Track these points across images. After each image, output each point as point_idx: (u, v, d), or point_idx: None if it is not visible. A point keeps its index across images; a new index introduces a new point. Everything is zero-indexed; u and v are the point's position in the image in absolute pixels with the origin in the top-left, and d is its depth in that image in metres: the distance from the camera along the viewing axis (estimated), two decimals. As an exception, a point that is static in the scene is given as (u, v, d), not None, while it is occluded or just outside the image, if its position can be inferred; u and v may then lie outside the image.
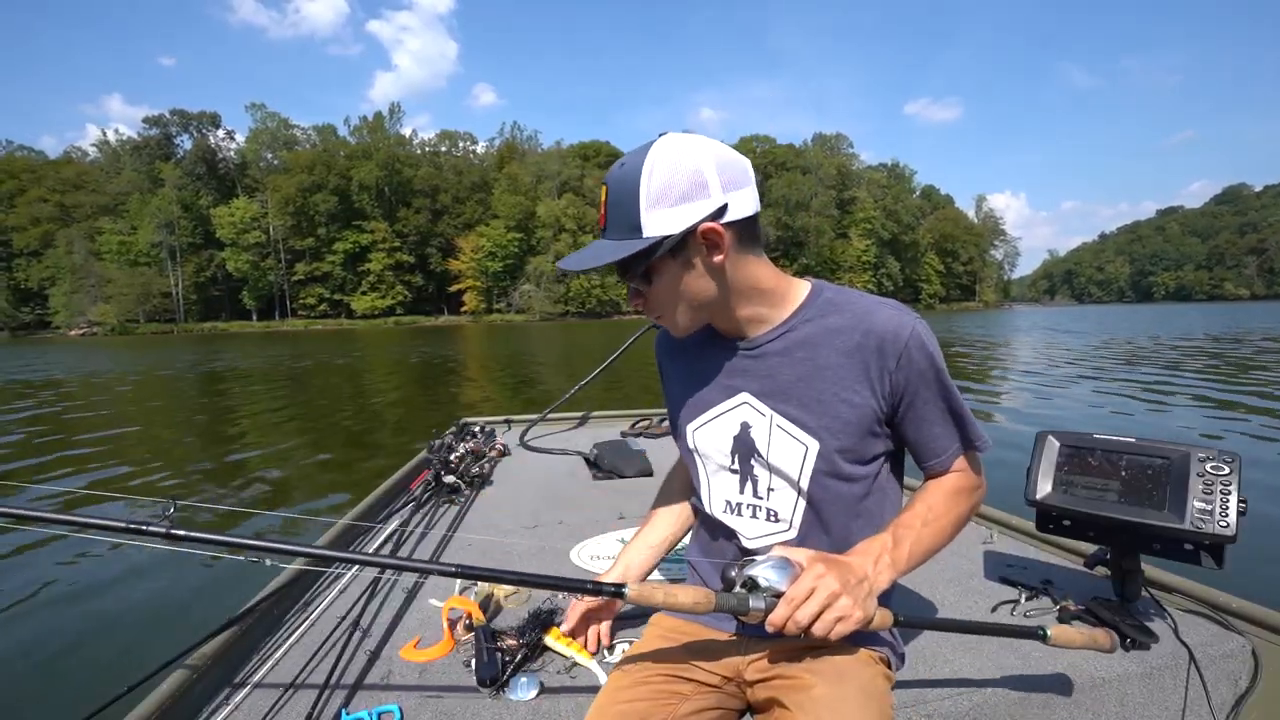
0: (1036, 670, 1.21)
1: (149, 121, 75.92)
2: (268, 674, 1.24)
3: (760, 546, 1.06)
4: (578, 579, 0.95)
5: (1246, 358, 13.85)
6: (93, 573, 3.59)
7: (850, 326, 0.98)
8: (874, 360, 0.97)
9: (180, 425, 8.78)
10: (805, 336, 1.01)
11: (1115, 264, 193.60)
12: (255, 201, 72.39)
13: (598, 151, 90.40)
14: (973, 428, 1.03)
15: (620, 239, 0.93)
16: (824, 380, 0.99)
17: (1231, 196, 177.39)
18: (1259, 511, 1.73)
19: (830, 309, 1.01)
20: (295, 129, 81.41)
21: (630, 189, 0.91)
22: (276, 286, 73.89)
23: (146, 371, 17.66)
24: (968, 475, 1.05)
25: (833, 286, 1.05)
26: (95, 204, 68.85)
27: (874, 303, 1.00)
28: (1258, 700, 1.24)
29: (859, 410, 0.98)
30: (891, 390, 0.98)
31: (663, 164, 0.90)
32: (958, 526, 1.03)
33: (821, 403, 0.99)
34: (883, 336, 0.96)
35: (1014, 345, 20.36)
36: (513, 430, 3.60)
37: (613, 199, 0.94)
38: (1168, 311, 63.25)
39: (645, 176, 0.90)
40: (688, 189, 0.90)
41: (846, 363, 0.98)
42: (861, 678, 0.93)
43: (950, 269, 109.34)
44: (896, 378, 0.97)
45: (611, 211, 0.94)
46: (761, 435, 1.03)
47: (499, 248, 75.77)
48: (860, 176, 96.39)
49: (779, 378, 1.02)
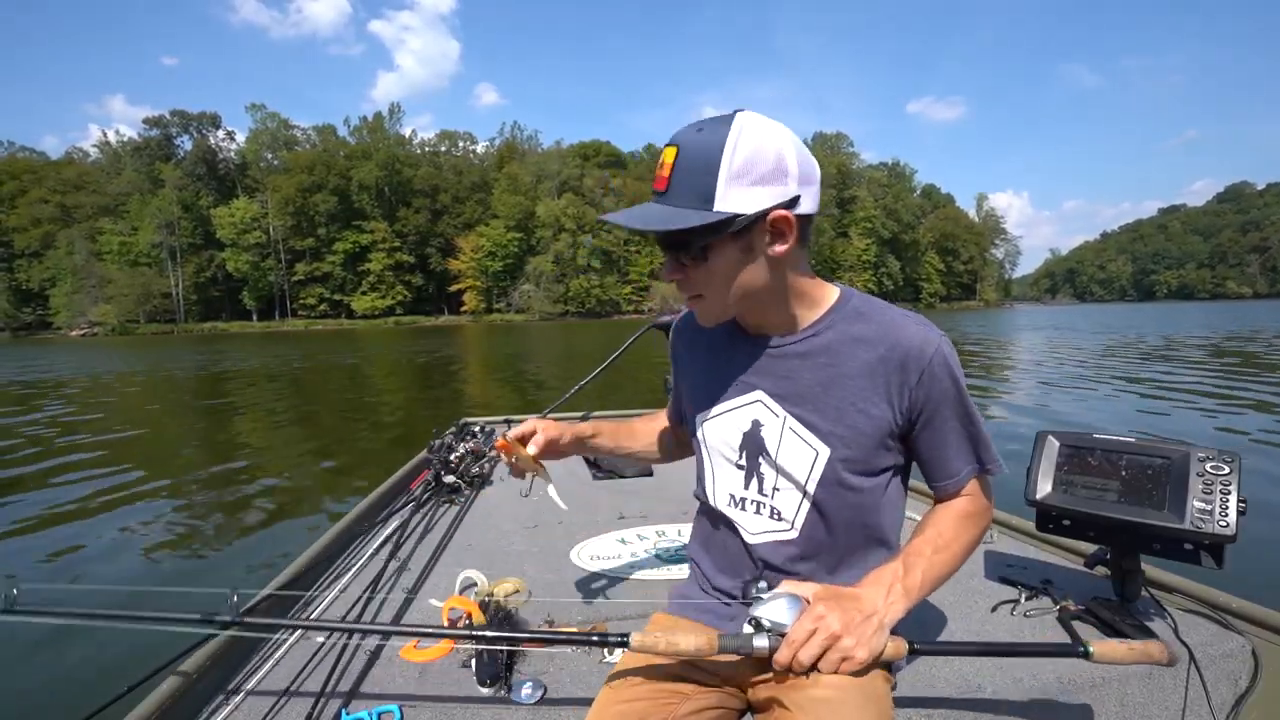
0: (1037, 670, 1.20)
1: (149, 122, 75.98)
2: (268, 674, 1.24)
3: (761, 542, 1.06)
4: (583, 634, 0.96)
5: (1256, 355, 13.80)
6: (89, 571, 3.57)
7: (875, 338, 0.97)
8: (896, 375, 0.95)
9: (187, 426, 8.81)
10: (829, 342, 0.99)
11: (1117, 263, 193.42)
12: (255, 202, 72.41)
13: (597, 151, 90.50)
14: (988, 450, 1.02)
15: (685, 207, 0.88)
16: (843, 389, 0.98)
17: (1234, 195, 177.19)
18: (1259, 511, 1.73)
19: (857, 318, 1.00)
20: (295, 129, 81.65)
21: (710, 158, 0.86)
22: (277, 287, 73.93)
23: (148, 372, 17.68)
24: (977, 499, 1.04)
25: (861, 295, 1.03)
26: (96, 205, 68.86)
27: (900, 316, 0.99)
28: (1258, 700, 1.23)
29: (875, 422, 0.97)
30: (910, 406, 0.97)
31: (748, 139, 0.86)
32: (968, 552, 1.02)
33: (839, 410, 0.98)
34: (907, 351, 0.95)
35: (1014, 344, 20.38)
36: (513, 430, 3.59)
37: (684, 164, 0.88)
38: (1170, 310, 63.23)
39: (729, 148, 0.86)
40: (768, 172, 0.87)
41: (868, 374, 0.97)
42: (862, 679, 0.91)
43: (951, 268, 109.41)
44: (917, 394, 0.96)
45: (680, 176, 0.89)
46: (772, 435, 1.03)
47: (499, 247, 75.91)
48: (860, 175, 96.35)
49: (798, 380, 1.01)
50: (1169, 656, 0.95)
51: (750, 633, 0.87)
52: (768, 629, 0.86)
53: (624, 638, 0.90)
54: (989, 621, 1.43)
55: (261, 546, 3.90)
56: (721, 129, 0.87)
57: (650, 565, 1.80)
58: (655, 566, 1.79)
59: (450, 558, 1.87)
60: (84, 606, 1.12)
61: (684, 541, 1.91)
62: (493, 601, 1.47)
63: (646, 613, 1.27)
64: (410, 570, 1.76)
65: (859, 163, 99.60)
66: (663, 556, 1.86)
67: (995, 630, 1.39)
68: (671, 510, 2.22)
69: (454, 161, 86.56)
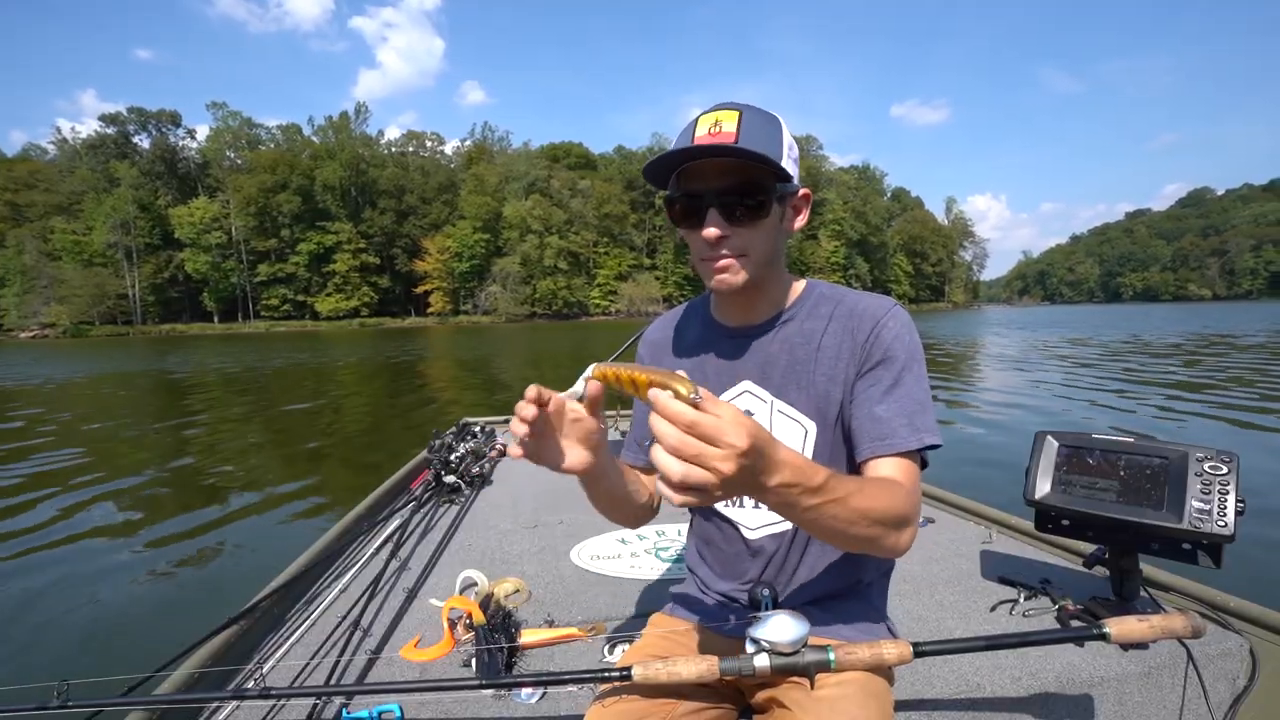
0: (1036, 670, 1.21)
1: (105, 119, 73.32)
2: (268, 674, 1.24)
3: (760, 536, 1.06)
4: (589, 670, 0.95)
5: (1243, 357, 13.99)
6: (89, 574, 3.55)
7: (839, 313, 1.01)
8: (852, 337, 0.99)
9: (136, 442, 8.49)
10: (801, 325, 1.03)
11: (1085, 265, 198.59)
12: (216, 201, 70.66)
13: (568, 152, 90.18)
14: (925, 418, 0.93)
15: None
16: (817, 364, 1.00)
17: (1195, 200, 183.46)
18: (1257, 511, 1.76)
19: (824, 301, 1.04)
20: (260, 128, 79.90)
21: (771, 125, 0.92)
22: (239, 288, 72.20)
23: (92, 378, 17.05)
24: (908, 475, 0.91)
25: (826, 284, 1.07)
26: (49, 203, 66.47)
27: (863, 294, 1.04)
28: (1255, 699, 1.25)
29: (845, 389, 0.99)
30: (864, 360, 0.97)
31: (784, 123, 0.95)
32: (873, 525, 0.79)
33: (816, 385, 1.00)
34: (862, 315, 0.99)
35: (985, 346, 20.73)
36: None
37: (751, 124, 0.90)
38: (1131, 312, 64.81)
39: (781, 123, 0.94)
40: (797, 155, 0.95)
41: (834, 344, 1.00)
42: (862, 677, 0.92)
43: (920, 270, 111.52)
44: (869, 348, 0.97)
45: (750, 131, 0.89)
46: (763, 422, 1.03)
47: (465, 249, 75.25)
48: (830, 178, 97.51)
49: (778, 363, 1.03)
50: (1192, 628, 0.90)
51: (750, 653, 0.86)
52: (767, 648, 0.85)
53: (626, 672, 0.89)
54: (989, 621, 1.44)
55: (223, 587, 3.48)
56: (760, 109, 0.94)
57: (650, 565, 1.80)
58: (655, 566, 1.79)
59: (450, 558, 1.88)
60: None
61: (684, 541, 1.90)
62: (493, 601, 1.46)
63: (646, 613, 1.27)
64: (410, 570, 1.77)
65: (829, 165, 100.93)
66: (662, 556, 1.86)
67: (994, 630, 1.39)
68: (671, 510, 2.20)
69: (421, 162, 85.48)
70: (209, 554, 3.85)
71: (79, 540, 4.16)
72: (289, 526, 4.36)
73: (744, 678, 0.86)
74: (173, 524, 4.44)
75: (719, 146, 0.88)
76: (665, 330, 1.19)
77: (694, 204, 0.93)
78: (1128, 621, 0.90)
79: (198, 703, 1.16)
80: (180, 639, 1.28)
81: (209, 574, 3.55)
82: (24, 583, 3.45)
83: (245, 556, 3.81)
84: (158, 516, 4.64)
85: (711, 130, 0.90)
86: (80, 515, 4.70)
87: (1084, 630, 0.92)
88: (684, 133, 0.94)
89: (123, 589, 3.35)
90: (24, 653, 2.72)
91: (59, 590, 3.35)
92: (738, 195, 0.92)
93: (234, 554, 3.85)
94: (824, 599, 1.06)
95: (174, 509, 4.82)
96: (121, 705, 1.05)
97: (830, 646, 0.85)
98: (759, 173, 0.91)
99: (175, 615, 2.99)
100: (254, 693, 1.00)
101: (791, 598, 1.06)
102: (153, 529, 4.36)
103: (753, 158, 0.88)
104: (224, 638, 1.31)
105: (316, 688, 1.17)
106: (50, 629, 2.93)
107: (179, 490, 5.43)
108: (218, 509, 4.78)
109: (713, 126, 0.90)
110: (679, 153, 0.90)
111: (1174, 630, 0.89)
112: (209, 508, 4.81)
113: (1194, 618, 0.90)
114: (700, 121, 0.92)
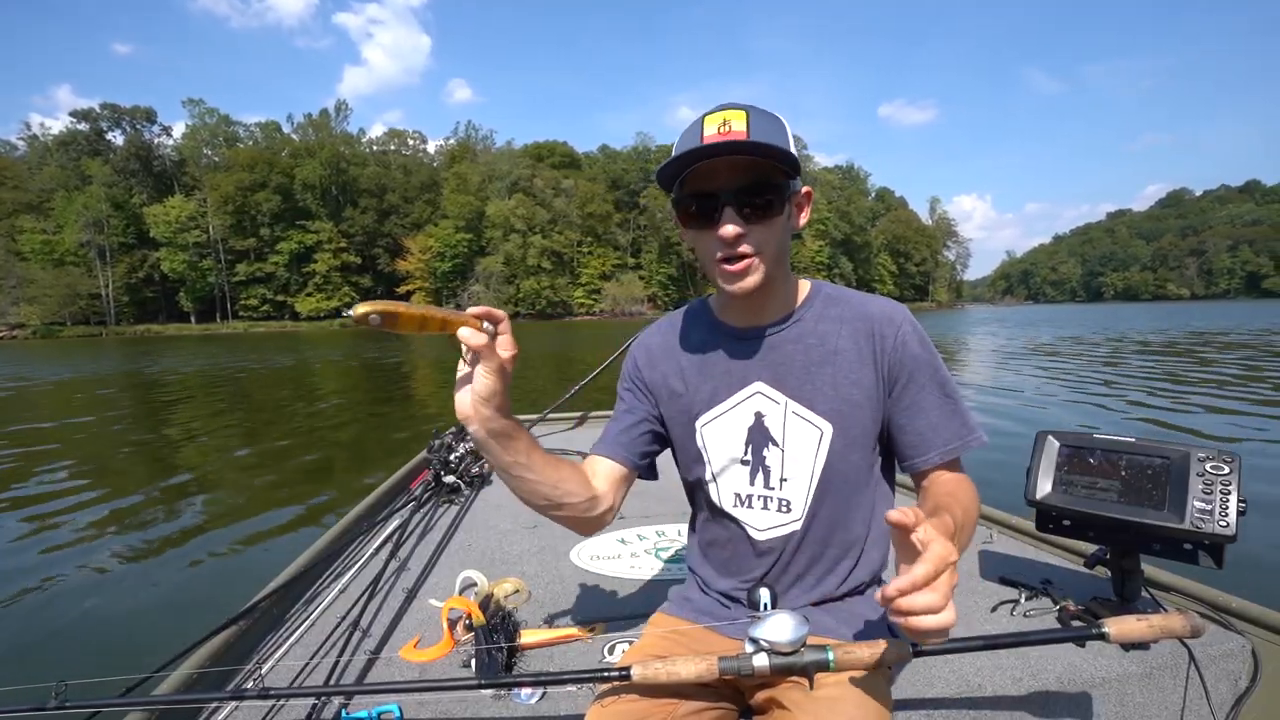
0: (1036, 670, 1.20)
1: (77, 115, 71.88)
2: (267, 674, 1.23)
3: (768, 537, 1.06)
4: (589, 669, 0.95)
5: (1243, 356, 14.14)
6: (87, 574, 3.53)
7: (851, 316, 1.02)
8: (873, 342, 1.00)
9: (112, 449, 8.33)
10: (813, 326, 1.03)
11: (1068, 265, 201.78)
12: (193, 200, 69.48)
13: (551, 151, 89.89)
14: (970, 418, 1.01)
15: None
16: (834, 365, 1.01)
17: (1174, 200, 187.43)
18: (1259, 511, 1.77)
19: (831, 302, 1.05)
20: (238, 125, 78.71)
21: (777, 122, 0.92)
22: (216, 288, 71.10)
23: (50, 381, 16.72)
24: (966, 475, 1.02)
25: (829, 284, 1.08)
26: (17, 201, 64.97)
27: (866, 296, 1.06)
28: (1257, 699, 1.25)
29: (865, 391, 1.00)
30: (890, 369, 1.00)
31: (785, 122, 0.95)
32: (974, 526, 0.96)
33: (834, 387, 1.00)
34: (878, 320, 1.00)
35: (975, 344, 20.93)
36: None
37: (759, 122, 0.90)
38: (1112, 312, 65.63)
39: (784, 121, 0.94)
40: (798, 154, 0.94)
41: (853, 349, 1.00)
42: (861, 677, 0.91)
43: (904, 269, 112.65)
44: (893, 358, 0.99)
45: (759, 127, 0.89)
46: (776, 424, 1.03)
47: (448, 248, 74.81)
48: (814, 178, 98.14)
49: (792, 364, 1.02)
50: (1191, 628, 0.90)
51: (750, 652, 0.86)
52: (766, 648, 0.86)
53: (625, 672, 0.89)
54: (989, 621, 1.43)
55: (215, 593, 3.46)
56: (763, 109, 0.94)
57: (650, 565, 1.80)
58: (655, 566, 1.78)
59: (450, 558, 1.87)
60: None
61: (684, 541, 1.90)
62: (493, 601, 1.45)
63: (646, 612, 1.25)
64: (410, 570, 1.77)
65: (813, 165, 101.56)
66: (662, 556, 1.86)
67: (995, 631, 1.38)
68: (671, 510, 2.21)
69: (403, 160, 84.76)
70: (208, 554, 3.81)
71: (78, 541, 4.12)
72: (288, 527, 4.33)
73: (743, 678, 0.86)
74: (172, 524, 4.41)
75: (739, 143, 0.87)
76: (665, 335, 1.16)
77: (708, 204, 0.92)
78: (1128, 621, 0.90)
79: (197, 703, 1.15)
80: (179, 639, 1.27)
81: (208, 574, 3.53)
82: (22, 583, 3.41)
83: (244, 557, 3.78)
84: (157, 516, 4.61)
85: (721, 129, 0.89)
86: (79, 516, 4.65)
87: (1084, 630, 0.92)
88: (688, 134, 0.93)
89: (121, 589, 3.33)
90: (21, 653, 2.69)
91: (57, 590, 3.34)
92: (753, 193, 0.91)
93: (233, 554, 3.83)
94: (825, 599, 1.07)
95: (173, 509, 4.78)
96: (120, 706, 1.04)
97: (829, 646, 0.85)
98: (771, 170, 0.91)
99: (174, 615, 2.98)
100: (253, 693, 1.00)
101: (793, 598, 1.06)
102: (152, 529, 4.32)
103: (774, 153, 0.88)
104: (223, 638, 1.31)
105: (316, 688, 1.16)
106: (48, 629, 2.91)
107: (178, 490, 5.37)
108: (217, 509, 4.74)
109: (721, 126, 0.89)
110: (697, 151, 0.88)
111: (1174, 630, 0.90)
112: (208, 508, 4.78)
113: (1195, 618, 0.91)
114: (707, 121, 0.91)
